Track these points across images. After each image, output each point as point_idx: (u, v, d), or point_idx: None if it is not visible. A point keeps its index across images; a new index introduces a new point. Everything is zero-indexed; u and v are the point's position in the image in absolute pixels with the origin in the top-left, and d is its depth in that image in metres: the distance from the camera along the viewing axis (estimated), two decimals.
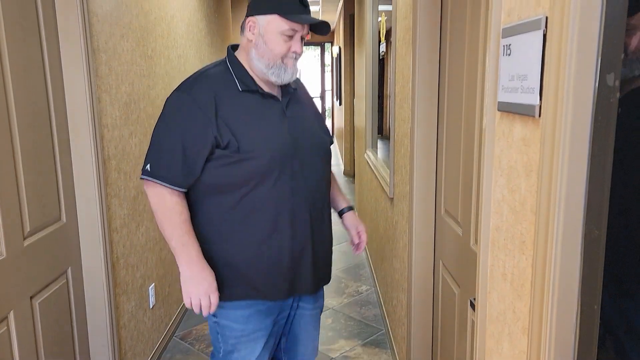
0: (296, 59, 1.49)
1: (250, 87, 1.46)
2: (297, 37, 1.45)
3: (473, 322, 1.39)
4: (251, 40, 1.46)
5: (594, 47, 0.67)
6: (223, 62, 1.52)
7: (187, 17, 3.47)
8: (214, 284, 1.44)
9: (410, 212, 2.00)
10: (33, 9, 1.71)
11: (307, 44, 12.87)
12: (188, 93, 1.41)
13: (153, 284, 2.68)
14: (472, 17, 1.43)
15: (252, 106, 1.45)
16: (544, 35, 0.75)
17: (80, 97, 1.90)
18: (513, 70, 0.87)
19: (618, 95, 0.65)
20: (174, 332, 3.04)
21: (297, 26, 1.43)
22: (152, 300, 2.65)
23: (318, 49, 13.15)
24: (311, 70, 13.32)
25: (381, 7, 3.65)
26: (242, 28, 1.50)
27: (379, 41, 3.61)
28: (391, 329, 2.78)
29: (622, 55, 0.65)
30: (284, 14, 1.41)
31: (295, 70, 1.50)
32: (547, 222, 0.75)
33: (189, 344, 2.94)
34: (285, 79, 1.48)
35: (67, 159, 1.92)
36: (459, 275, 1.60)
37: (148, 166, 1.41)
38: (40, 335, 1.73)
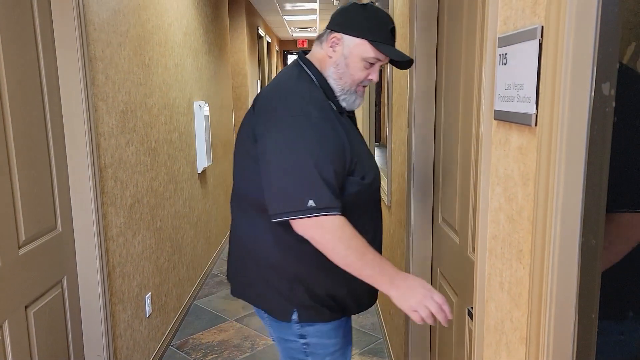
0: (365, 86, 1.45)
1: (341, 108, 1.42)
2: (377, 65, 1.41)
3: (471, 331, 1.39)
4: (331, 57, 1.40)
5: (590, 57, 0.67)
6: (307, 77, 1.40)
7: (185, 26, 3.48)
8: (427, 284, 1.29)
9: (407, 220, 2.00)
10: (30, 17, 1.71)
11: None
12: (315, 116, 1.28)
13: (149, 292, 2.66)
14: (468, 25, 1.44)
15: (348, 127, 1.40)
16: (540, 45, 0.75)
17: (76, 106, 1.90)
18: (509, 79, 0.87)
19: (614, 104, 0.65)
20: (170, 342, 3.02)
21: (382, 56, 1.38)
22: (148, 309, 2.63)
23: None
24: None
25: None
26: (321, 39, 1.44)
27: None
28: (389, 338, 2.77)
29: (618, 65, 0.65)
30: (375, 42, 1.35)
31: (361, 100, 1.46)
32: (544, 231, 0.74)
33: (185, 353, 2.92)
34: (354, 106, 1.44)
35: (63, 167, 1.91)
36: (457, 283, 1.59)
37: (311, 202, 1.21)
38: (35, 345, 1.72)
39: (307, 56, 1.46)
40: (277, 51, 11.38)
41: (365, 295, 1.49)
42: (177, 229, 3.21)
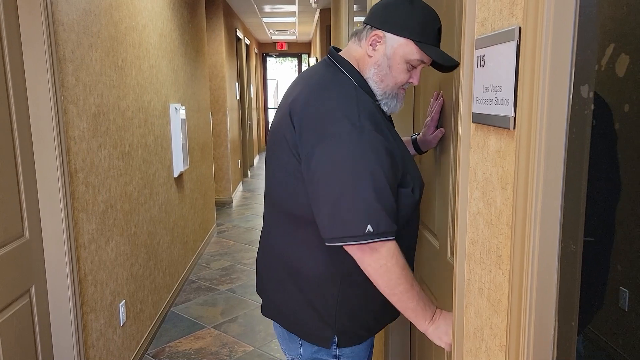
0: (405, 89, 1.34)
1: (387, 113, 1.32)
2: (420, 67, 1.29)
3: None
4: (371, 57, 1.27)
5: (568, 58, 0.65)
6: (349, 82, 1.26)
7: (160, 27, 3.42)
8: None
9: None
10: None
11: (284, 54, 12.90)
12: (369, 129, 1.16)
13: (124, 300, 2.60)
14: (446, 26, 1.42)
15: (396, 136, 1.29)
16: (518, 46, 0.74)
17: (44, 109, 1.84)
18: (487, 82, 0.85)
19: (592, 107, 0.64)
20: (146, 350, 2.94)
21: (426, 58, 1.26)
22: (122, 317, 2.57)
23: (295, 60, 13.18)
24: (288, 81, 13.33)
25: (357, 19, 3.67)
26: (360, 35, 1.30)
27: None
28: None
29: (596, 67, 0.64)
30: (421, 43, 1.24)
31: (401, 104, 1.34)
32: (523, 236, 0.73)
33: None
34: (395, 110, 1.33)
35: (30, 172, 1.84)
36: (436, 288, 1.58)
37: (369, 227, 1.13)
38: (2, 359, 1.65)
39: (340, 53, 1.32)
40: (256, 53, 11.33)
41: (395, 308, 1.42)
42: (152, 235, 3.14)
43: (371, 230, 1.13)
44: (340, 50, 1.35)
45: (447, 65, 1.27)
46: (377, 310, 1.35)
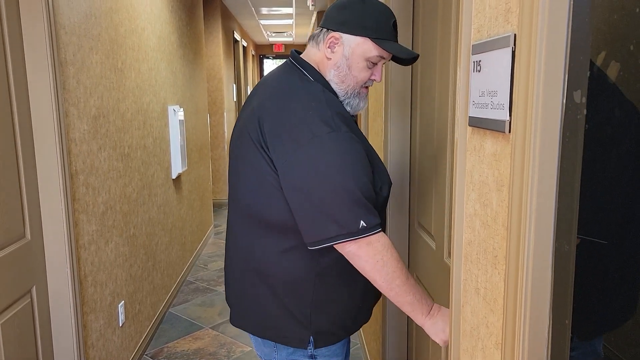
0: (368, 87, 1.35)
1: (351, 113, 1.33)
2: (380, 64, 1.31)
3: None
4: (330, 59, 1.28)
5: (561, 65, 0.68)
6: (315, 85, 1.27)
7: (159, 30, 3.43)
8: None
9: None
10: None
11: (281, 56, 12.92)
12: (345, 130, 1.18)
13: (123, 301, 2.61)
14: (442, 32, 1.45)
15: (361, 134, 1.29)
16: (513, 53, 0.76)
17: (46, 111, 1.85)
18: (483, 86, 0.88)
19: (585, 112, 0.66)
20: (144, 351, 2.96)
21: (385, 54, 1.28)
22: (121, 318, 2.58)
23: None
24: None
25: None
26: (317, 39, 1.31)
27: None
28: (366, 343, 2.77)
29: (588, 73, 0.66)
30: (377, 39, 1.25)
31: (365, 103, 1.35)
32: (519, 237, 0.75)
33: None
34: (358, 110, 1.34)
35: (32, 174, 1.86)
36: (433, 288, 1.60)
37: (362, 223, 1.15)
38: (3, 358, 1.66)
39: (301, 56, 1.34)
40: (253, 55, 11.34)
41: (372, 304, 1.43)
42: (151, 236, 3.16)
43: (364, 225, 1.15)
44: (300, 52, 1.36)
45: (406, 58, 1.29)
46: (353, 309, 1.35)
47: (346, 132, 1.18)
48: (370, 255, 1.17)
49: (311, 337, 1.32)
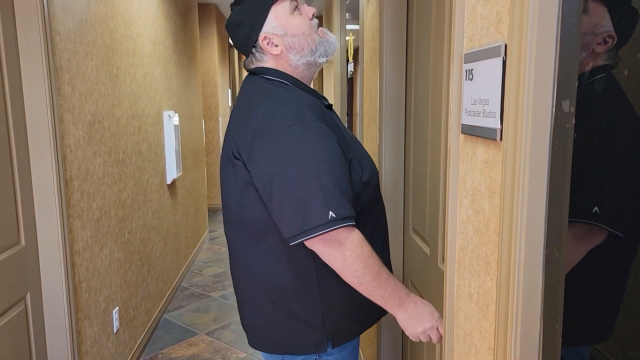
0: (319, 26, 1.34)
1: (325, 102, 1.32)
2: (300, 4, 1.31)
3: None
4: (279, 53, 1.29)
5: (550, 75, 0.69)
6: (280, 84, 1.28)
7: (154, 36, 3.44)
8: (435, 313, 1.23)
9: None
10: None
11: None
12: (310, 120, 1.17)
13: (117, 307, 2.60)
14: (436, 41, 1.47)
15: (337, 123, 1.29)
16: (504, 62, 0.78)
17: (41, 117, 1.86)
18: (475, 95, 0.89)
19: (574, 121, 0.68)
20: (139, 357, 2.95)
21: None
22: (116, 324, 2.57)
23: None
24: None
25: (349, 27, 3.71)
26: (256, 57, 1.32)
27: (347, 60, 3.66)
28: (361, 349, 2.77)
29: (577, 83, 0.67)
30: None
31: (333, 36, 1.34)
32: (510, 244, 0.76)
33: None
34: (332, 50, 1.32)
35: (27, 180, 1.86)
36: (427, 293, 1.61)
37: (331, 213, 1.10)
38: None
39: (256, 71, 1.34)
40: None
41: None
42: (146, 242, 3.15)
43: (334, 216, 1.11)
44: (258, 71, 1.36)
45: None
46: (362, 299, 1.29)
47: (312, 122, 1.17)
48: (340, 253, 1.15)
49: (328, 338, 1.29)
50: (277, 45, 1.28)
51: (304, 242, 1.16)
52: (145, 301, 3.11)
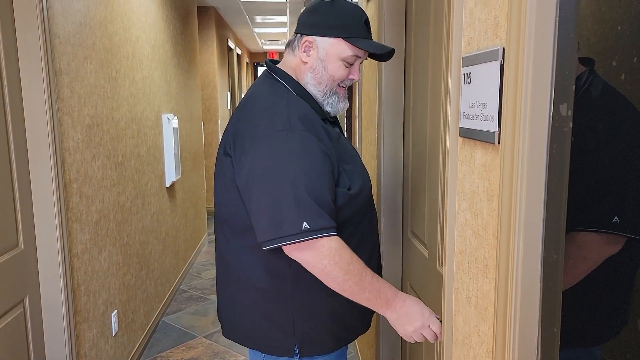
0: (346, 87, 1.36)
1: (325, 115, 1.33)
2: (357, 63, 1.32)
3: (440, 344, 1.40)
4: (306, 63, 1.31)
5: (548, 78, 0.69)
6: (284, 90, 1.29)
7: (153, 39, 3.44)
8: (426, 310, 1.23)
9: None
10: None
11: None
12: (298, 129, 1.18)
13: (116, 310, 2.60)
14: (434, 44, 1.47)
15: (333, 136, 1.29)
16: (502, 66, 0.78)
17: (40, 120, 1.86)
18: (473, 98, 0.89)
19: (571, 124, 0.68)
20: None
21: (361, 52, 1.30)
22: (114, 327, 2.57)
23: None
24: None
25: None
26: (292, 45, 1.34)
27: None
28: (360, 351, 2.77)
29: (574, 87, 0.68)
30: (350, 38, 1.27)
31: (345, 103, 1.36)
32: (508, 247, 0.76)
33: None
34: (339, 109, 1.35)
35: (25, 183, 1.86)
36: (426, 296, 1.61)
37: (305, 224, 1.11)
38: None
39: (278, 65, 1.36)
40: (247, 63, 11.37)
41: (370, 313, 1.39)
42: (144, 244, 3.15)
43: (307, 227, 1.11)
44: (277, 62, 1.39)
45: (381, 53, 1.31)
46: (338, 314, 1.31)
47: (301, 131, 1.17)
48: (317, 261, 1.14)
49: (296, 345, 1.30)
50: (309, 56, 1.31)
51: (282, 249, 1.17)
52: (144, 304, 3.11)
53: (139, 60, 3.09)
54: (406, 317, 1.21)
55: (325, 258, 1.14)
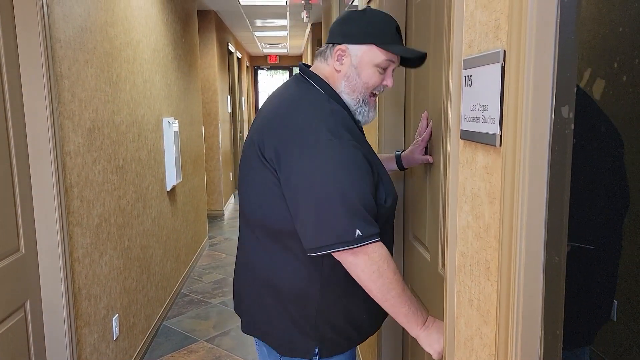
0: (377, 96, 1.38)
1: (359, 124, 1.34)
2: (390, 69, 1.33)
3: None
4: (339, 71, 1.32)
5: (549, 81, 0.69)
6: (321, 94, 1.31)
7: (154, 43, 3.45)
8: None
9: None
10: None
11: (275, 67, 12.98)
12: (347, 138, 1.20)
13: (117, 314, 2.60)
14: (435, 46, 1.47)
15: (368, 146, 1.32)
16: (503, 68, 0.78)
17: (41, 124, 1.86)
18: (474, 101, 0.89)
19: (572, 126, 0.68)
20: None
21: (394, 57, 1.31)
22: (115, 331, 2.56)
23: (286, 73, 13.26)
24: None
25: None
26: (325, 55, 1.35)
27: None
28: (361, 355, 2.76)
29: (575, 89, 0.68)
30: (383, 44, 1.29)
31: (375, 113, 1.38)
32: (510, 249, 0.76)
33: None
34: (369, 119, 1.36)
35: (26, 187, 1.86)
36: (428, 299, 1.61)
37: (359, 232, 1.14)
38: None
39: (311, 69, 1.37)
40: (247, 67, 11.39)
41: (379, 316, 1.42)
42: (145, 248, 3.15)
43: (360, 234, 1.14)
44: (309, 66, 1.39)
45: (414, 57, 1.33)
46: (358, 320, 1.35)
47: (349, 141, 1.19)
48: (367, 265, 1.17)
49: (316, 347, 1.32)
50: (342, 65, 1.32)
51: (333, 254, 1.19)
52: (145, 308, 3.11)
53: (140, 64, 3.10)
54: (437, 334, 1.22)
55: (375, 264, 1.17)
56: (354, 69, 1.31)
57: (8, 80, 1.74)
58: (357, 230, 1.14)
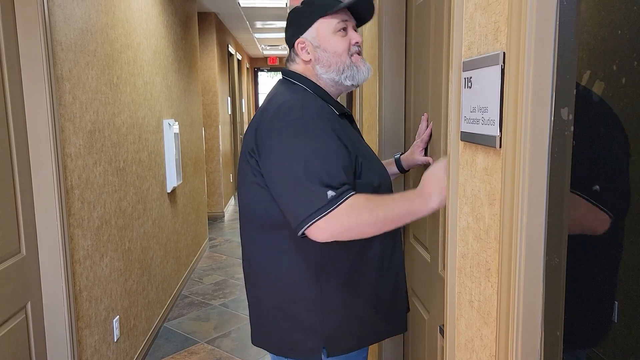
0: (360, 53, 1.39)
1: (342, 110, 1.37)
2: (350, 28, 1.37)
3: (442, 348, 1.40)
4: (309, 60, 1.37)
5: (549, 83, 0.70)
6: (300, 89, 1.35)
7: (154, 45, 3.46)
8: (439, 170, 1.25)
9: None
10: None
11: (275, 69, 12.99)
12: (310, 114, 1.23)
13: (118, 316, 2.60)
14: (435, 48, 1.47)
15: (351, 132, 1.34)
16: (502, 70, 0.78)
17: (42, 127, 1.86)
18: (474, 102, 0.90)
19: (572, 128, 0.68)
20: None
21: (343, 16, 1.35)
22: (116, 333, 2.57)
23: None
24: None
25: None
26: (291, 57, 1.42)
27: None
28: None
29: (575, 91, 0.68)
30: (325, 12, 1.34)
31: (367, 66, 1.39)
32: (510, 250, 0.76)
33: None
34: (361, 78, 1.38)
35: (27, 189, 1.86)
36: (428, 301, 1.61)
37: (330, 192, 1.15)
38: None
39: (285, 73, 1.44)
40: (247, 68, 11.40)
41: (395, 313, 1.40)
42: (146, 250, 3.15)
43: (333, 194, 1.14)
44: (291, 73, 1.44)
45: (361, 3, 1.36)
46: (364, 315, 1.33)
47: (312, 119, 1.22)
48: (341, 224, 1.16)
49: (324, 346, 1.31)
50: (308, 53, 1.37)
51: (315, 233, 1.17)
52: (145, 310, 3.11)
53: (140, 66, 3.10)
54: (438, 190, 1.22)
55: (346, 218, 1.15)
56: (318, 49, 1.36)
57: (9, 83, 1.75)
58: (329, 192, 1.14)
